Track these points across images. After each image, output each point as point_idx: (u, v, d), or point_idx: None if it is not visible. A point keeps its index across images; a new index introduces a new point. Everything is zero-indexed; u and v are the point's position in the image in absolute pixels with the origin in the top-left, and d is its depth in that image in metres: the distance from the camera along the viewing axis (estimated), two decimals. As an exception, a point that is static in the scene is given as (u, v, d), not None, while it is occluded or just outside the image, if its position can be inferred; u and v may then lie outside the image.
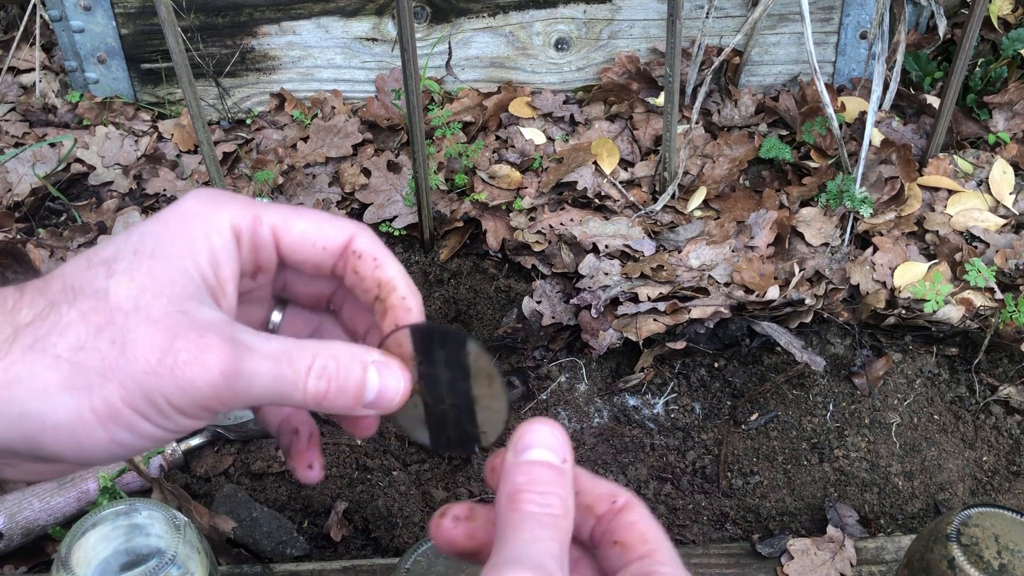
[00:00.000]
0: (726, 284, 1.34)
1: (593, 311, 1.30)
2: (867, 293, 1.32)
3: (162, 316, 0.43)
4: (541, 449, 0.45)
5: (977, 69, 1.58)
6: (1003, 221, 1.42)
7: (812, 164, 1.51)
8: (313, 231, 0.49)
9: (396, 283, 0.50)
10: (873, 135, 1.49)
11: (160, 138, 1.62)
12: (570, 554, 0.48)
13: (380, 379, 0.47)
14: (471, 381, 0.48)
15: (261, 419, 0.56)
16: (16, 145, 1.60)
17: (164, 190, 1.52)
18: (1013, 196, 1.45)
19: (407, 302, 0.49)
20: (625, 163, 1.54)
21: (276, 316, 0.54)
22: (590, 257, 1.37)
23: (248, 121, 1.64)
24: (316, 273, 0.51)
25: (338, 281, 0.52)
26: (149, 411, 0.43)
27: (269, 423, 0.56)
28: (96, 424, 0.43)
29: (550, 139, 1.58)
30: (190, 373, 0.42)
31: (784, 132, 1.58)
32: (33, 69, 1.71)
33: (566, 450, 0.46)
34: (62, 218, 1.50)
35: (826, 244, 1.40)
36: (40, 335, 0.43)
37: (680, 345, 1.28)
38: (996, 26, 1.64)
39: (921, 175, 1.48)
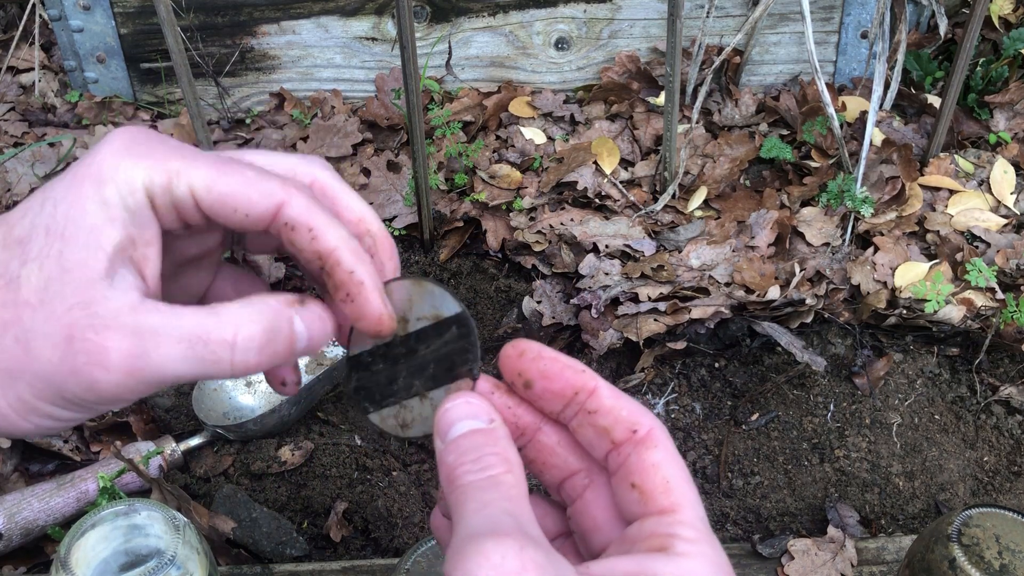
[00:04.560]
0: (727, 284, 1.34)
1: (593, 311, 1.30)
2: (868, 293, 1.32)
3: (64, 311, 0.41)
4: (462, 423, 0.43)
5: (978, 69, 1.58)
6: (1004, 221, 1.42)
7: (813, 164, 1.50)
8: (234, 196, 0.44)
9: (339, 255, 0.45)
10: (874, 135, 1.49)
11: (160, 138, 1.62)
12: (548, 534, 0.45)
13: (308, 329, 0.45)
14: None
15: None
16: (15, 145, 1.59)
17: (164, 190, 1.52)
18: (1014, 196, 1.45)
19: (355, 276, 0.45)
20: (625, 163, 1.54)
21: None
22: (590, 257, 1.37)
23: (248, 121, 1.64)
24: (248, 234, 0.48)
25: None
26: (64, 403, 0.42)
27: None
28: (17, 417, 0.42)
29: (550, 139, 1.58)
30: (91, 375, 0.41)
31: (785, 132, 1.57)
32: (32, 69, 1.71)
33: (489, 411, 0.44)
34: (61, 218, 1.50)
35: (827, 244, 1.40)
36: None
37: (680, 345, 1.28)
38: (997, 25, 1.64)
39: (922, 175, 1.47)
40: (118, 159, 0.43)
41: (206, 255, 0.51)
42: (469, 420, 0.43)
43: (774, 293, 1.30)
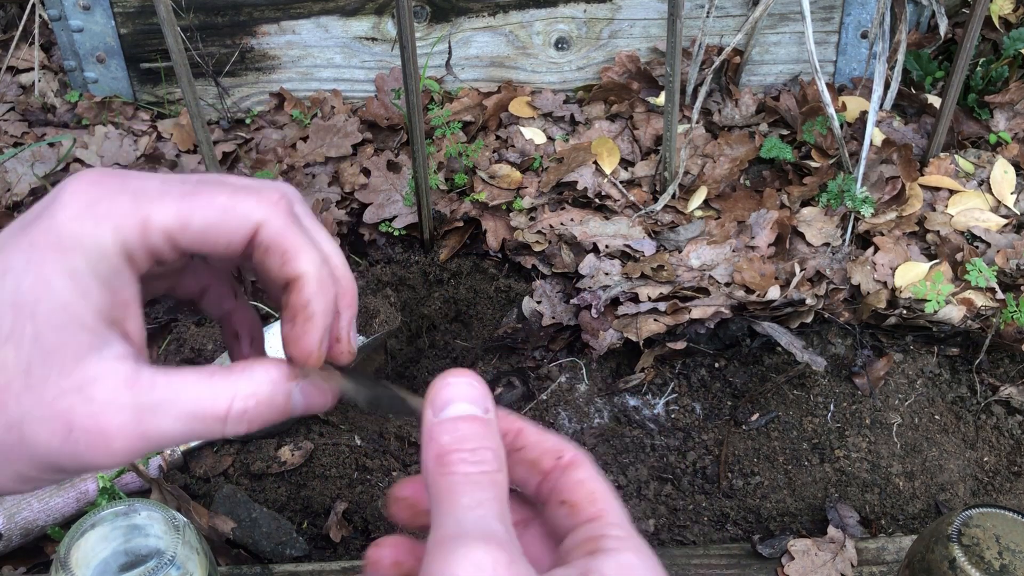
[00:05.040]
0: (727, 284, 1.34)
1: (593, 311, 1.30)
2: (868, 293, 1.32)
3: (57, 396, 0.40)
4: (462, 403, 0.42)
5: (978, 68, 1.58)
6: (1004, 221, 1.42)
7: (813, 164, 1.50)
8: (213, 228, 0.42)
9: (303, 282, 0.43)
10: (874, 135, 1.49)
11: (159, 138, 1.62)
12: (519, 515, 0.46)
13: (305, 400, 0.45)
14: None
15: (204, 307, 0.51)
16: (15, 145, 1.59)
17: (163, 190, 1.52)
18: (1014, 196, 1.45)
19: (309, 308, 0.44)
20: (625, 163, 1.54)
21: None
22: (590, 257, 1.37)
23: (247, 121, 1.64)
24: (225, 264, 0.48)
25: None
26: (62, 474, 0.42)
27: (209, 312, 0.51)
28: (13, 486, 0.42)
29: (550, 139, 1.58)
30: (93, 455, 0.41)
31: (785, 132, 1.57)
32: (32, 69, 1.71)
33: (488, 400, 0.43)
34: (61, 218, 1.50)
35: (827, 244, 1.39)
36: None
37: (680, 345, 1.28)
38: (997, 25, 1.64)
39: (922, 175, 1.47)
40: (79, 223, 0.40)
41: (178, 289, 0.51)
42: (468, 403, 0.42)
43: (774, 293, 1.30)
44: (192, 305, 0.51)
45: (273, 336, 1.31)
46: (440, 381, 0.43)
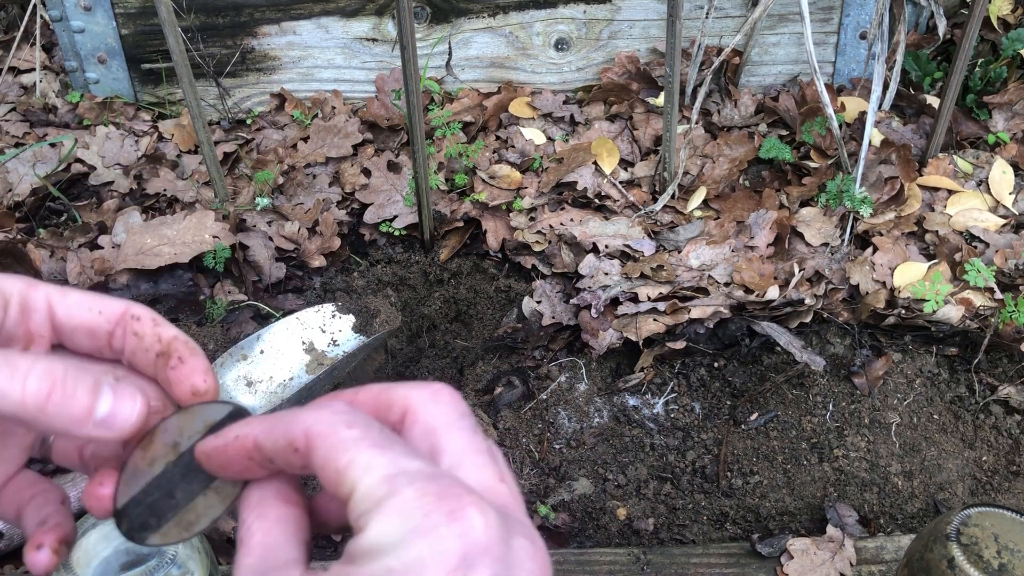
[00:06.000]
0: (726, 284, 1.34)
1: (593, 311, 1.30)
2: (867, 293, 1.32)
3: None
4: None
5: (977, 69, 1.58)
6: (1003, 221, 1.42)
7: (812, 164, 1.51)
8: (88, 298, 0.49)
9: (178, 336, 0.49)
10: (873, 135, 1.50)
11: (160, 138, 1.62)
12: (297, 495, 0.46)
13: (114, 397, 0.45)
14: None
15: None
16: (16, 145, 1.60)
17: (164, 190, 1.52)
18: (1013, 196, 1.46)
19: (190, 344, 0.49)
20: (625, 163, 1.54)
21: None
22: (590, 257, 1.38)
23: (248, 121, 1.64)
24: (92, 342, 0.49)
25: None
26: None
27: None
28: None
29: (550, 139, 1.58)
30: None
31: (784, 132, 1.58)
32: (33, 69, 1.71)
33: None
34: (63, 218, 1.50)
35: (826, 244, 1.40)
36: None
37: (680, 345, 1.28)
38: (996, 26, 1.64)
39: (921, 175, 1.48)
40: None
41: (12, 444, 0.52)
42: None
43: (773, 293, 1.30)
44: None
45: (271, 334, 1.31)
46: (206, 448, 0.46)
